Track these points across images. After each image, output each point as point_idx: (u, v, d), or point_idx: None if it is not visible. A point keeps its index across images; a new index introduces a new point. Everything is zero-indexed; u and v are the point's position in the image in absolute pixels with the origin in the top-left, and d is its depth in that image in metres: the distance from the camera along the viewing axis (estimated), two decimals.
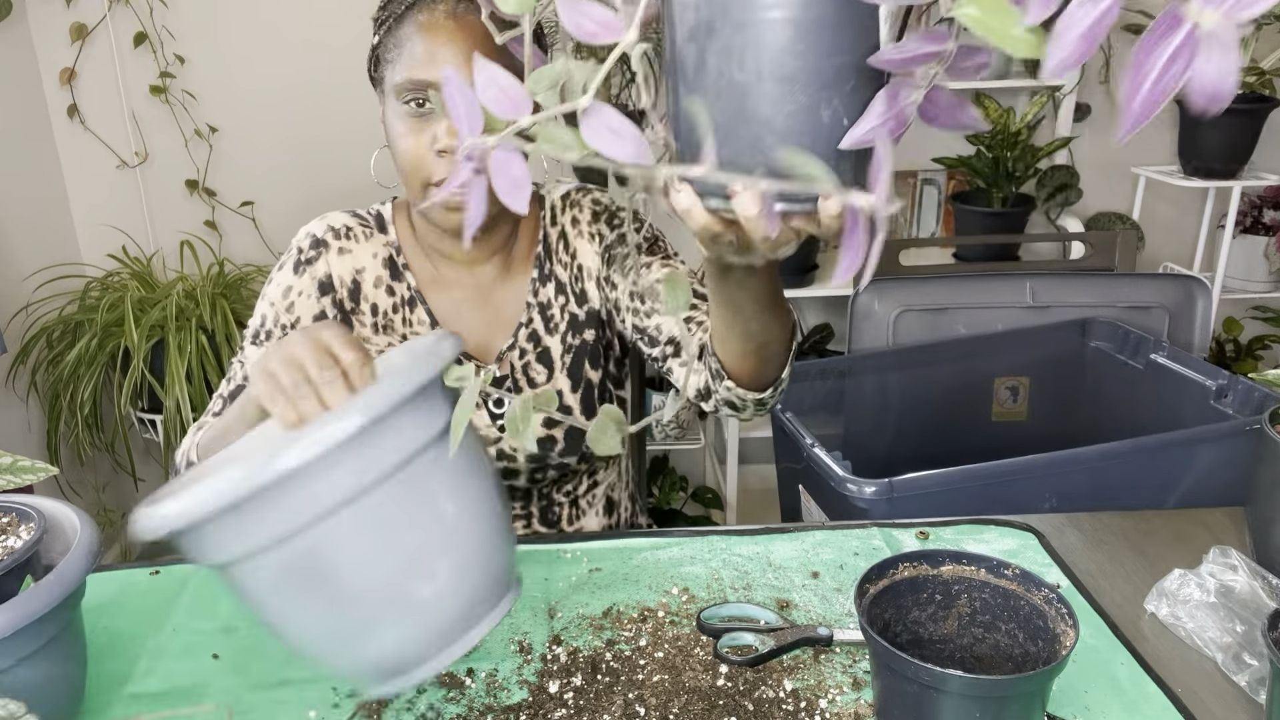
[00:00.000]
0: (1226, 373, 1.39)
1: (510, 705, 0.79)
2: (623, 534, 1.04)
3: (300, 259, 1.09)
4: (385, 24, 1.01)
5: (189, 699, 0.80)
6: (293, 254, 1.10)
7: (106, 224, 2.38)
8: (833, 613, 0.90)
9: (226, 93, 2.33)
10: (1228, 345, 2.61)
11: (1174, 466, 1.24)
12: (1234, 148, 2.19)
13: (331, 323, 0.72)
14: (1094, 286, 1.68)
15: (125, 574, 0.98)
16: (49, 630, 0.69)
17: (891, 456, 1.61)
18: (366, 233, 1.12)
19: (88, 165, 2.35)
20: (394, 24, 0.99)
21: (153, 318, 2.07)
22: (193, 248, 2.36)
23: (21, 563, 0.69)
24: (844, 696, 0.79)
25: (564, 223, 1.14)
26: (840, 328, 2.61)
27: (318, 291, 1.08)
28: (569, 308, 1.13)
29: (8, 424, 2.17)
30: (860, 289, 1.67)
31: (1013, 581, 0.76)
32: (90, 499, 2.38)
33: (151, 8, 2.23)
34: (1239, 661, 0.82)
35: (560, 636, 0.87)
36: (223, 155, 2.38)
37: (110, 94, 2.29)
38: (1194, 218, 2.57)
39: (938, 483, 1.15)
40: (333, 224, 1.11)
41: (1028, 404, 1.66)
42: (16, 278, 2.18)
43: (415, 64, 0.96)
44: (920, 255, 2.46)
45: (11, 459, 0.77)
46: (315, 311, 1.08)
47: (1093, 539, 1.03)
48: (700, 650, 0.85)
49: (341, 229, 1.11)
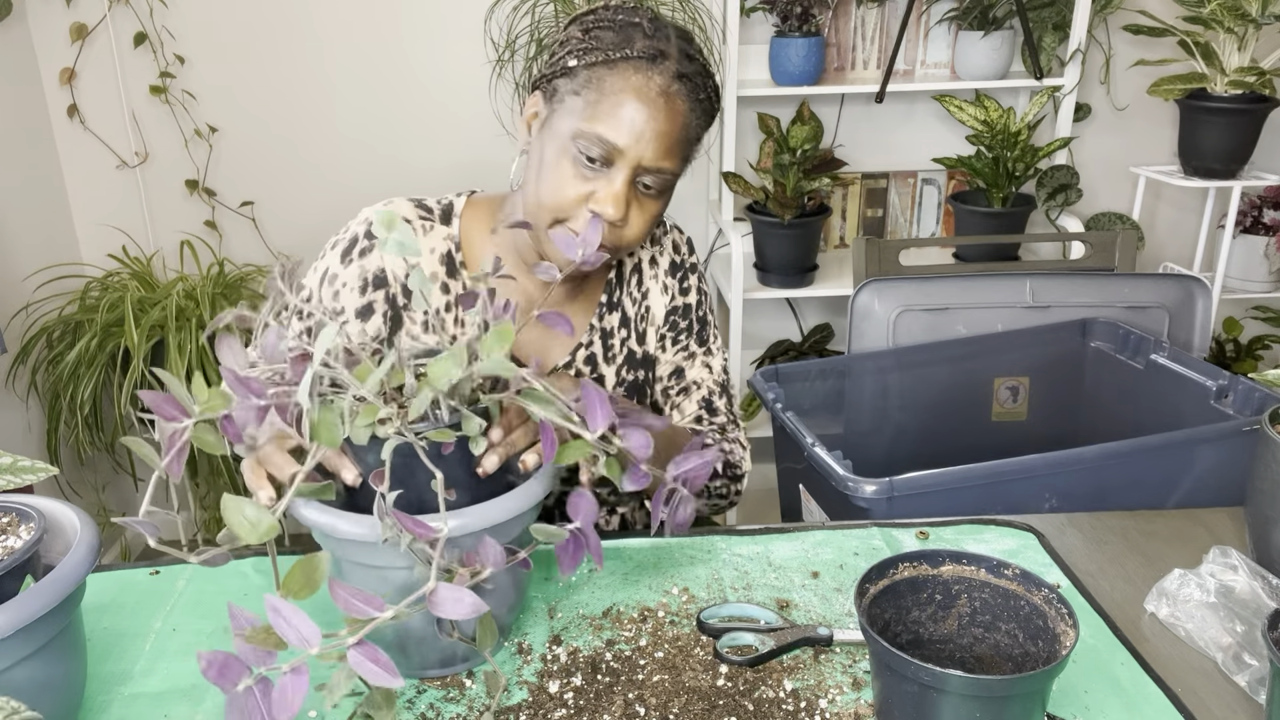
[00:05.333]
0: (1226, 373, 1.39)
1: (510, 705, 0.79)
2: (623, 534, 1.04)
3: (352, 247, 1.06)
4: (592, 56, 0.95)
5: (189, 699, 0.80)
6: (346, 239, 1.07)
7: (106, 224, 2.38)
8: (833, 613, 0.90)
9: (226, 93, 2.33)
10: (1228, 345, 2.61)
11: (1174, 466, 1.24)
12: (1234, 148, 2.19)
13: None
14: (1094, 286, 1.68)
15: (125, 574, 0.98)
16: (49, 630, 0.69)
17: (891, 456, 1.60)
18: (427, 226, 1.08)
19: (88, 165, 2.35)
20: (603, 67, 0.95)
21: (153, 318, 2.07)
22: (193, 248, 2.36)
23: (21, 563, 0.69)
24: (844, 696, 0.79)
25: (642, 258, 1.15)
26: (840, 328, 2.61)
27: (364, 285, 1.05)
28: (629, 343, 1.14)
29: (8, 424, 2.17)
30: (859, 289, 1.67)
31: (1013, 581, 0.76)
32: (90, 499, 2.38)
33: (151, 8, 2.23)
34: (1239, 661, 0.82)
35: (560, 636, 0.87)
36: (223, 155, 2.38)
37: (110, 94, 2.29)
38: (1194, 218, 2.57)
39: (938, 482, 1.15)
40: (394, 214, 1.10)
41: (1028, 404, 1.66)
42: (16, 278, 2.18)
43: (610, 122, 0.93)
44: (920, 255, 2.46)
45: (11, 459, 0.77)
46: (359, 305, 1.05)
47: (1093, 539, 1.03)
48: (700, 650, 0.85)
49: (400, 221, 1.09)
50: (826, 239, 2.58)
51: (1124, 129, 2.53)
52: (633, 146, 0.94)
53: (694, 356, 1.16)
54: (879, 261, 1.79)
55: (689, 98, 0.96)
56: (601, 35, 0.96)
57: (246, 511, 0.65)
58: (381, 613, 0.61)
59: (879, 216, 2.58)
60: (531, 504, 0.79)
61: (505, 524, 0.76)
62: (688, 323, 1.16)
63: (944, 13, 2.37)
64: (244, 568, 0.98)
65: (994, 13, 2.25)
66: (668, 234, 1.17)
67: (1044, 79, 2.27)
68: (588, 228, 0.92)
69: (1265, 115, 2.17)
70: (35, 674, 0.68)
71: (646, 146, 0.94)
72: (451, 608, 0.62)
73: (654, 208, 0.99)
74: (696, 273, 1.18)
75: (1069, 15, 2.28)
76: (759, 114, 2.28)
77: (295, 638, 0.57)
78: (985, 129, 2.22)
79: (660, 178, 0.97)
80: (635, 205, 0.97)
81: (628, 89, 0.93)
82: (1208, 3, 2.06)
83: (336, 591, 0.61)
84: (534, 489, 0.80)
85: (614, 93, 0.93)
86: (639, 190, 0.97)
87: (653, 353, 1.15)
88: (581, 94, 0.95)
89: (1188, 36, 2.13)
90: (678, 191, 1.05)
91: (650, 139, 0.94)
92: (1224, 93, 2.15)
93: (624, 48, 0.94)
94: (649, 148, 0.94)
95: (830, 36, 2.40)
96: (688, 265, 1.17)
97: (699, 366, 1.16)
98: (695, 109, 0.97)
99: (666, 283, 1.15)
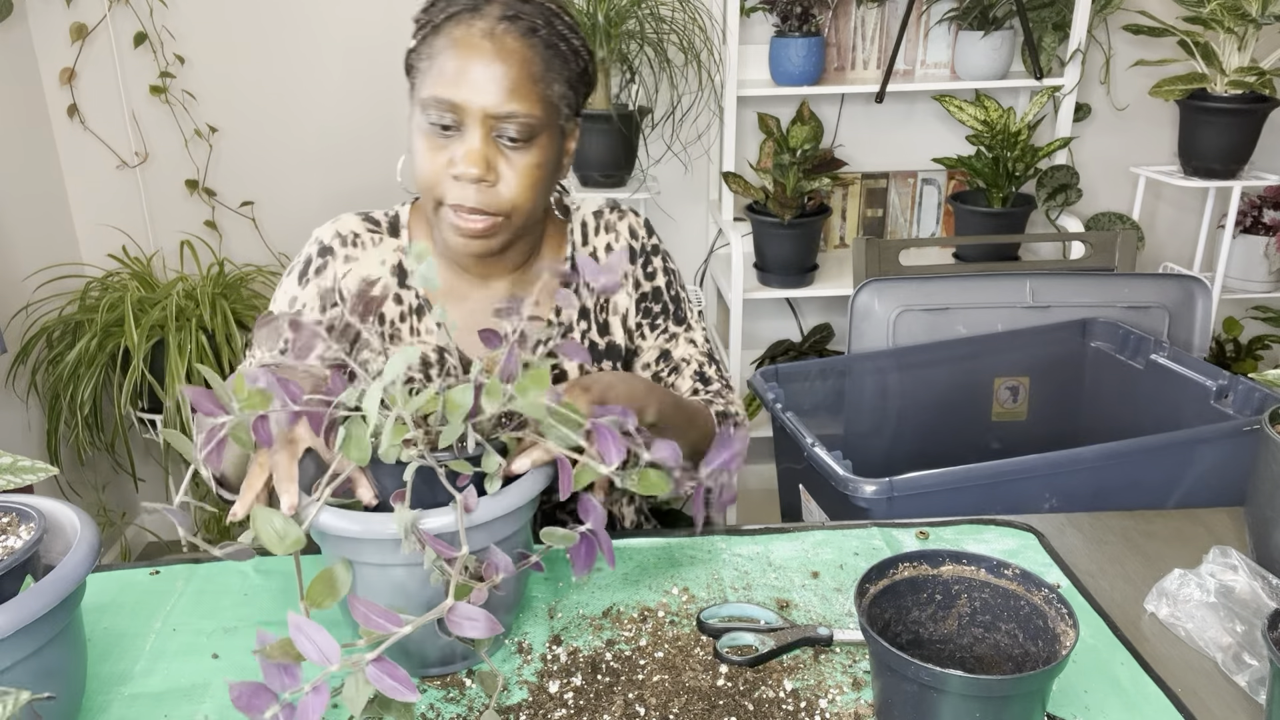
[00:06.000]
0: (1226, 373, 1.39)
1: (510, 705, 0.79)
2: (623, 534, 1.04)
3: (306, 269, 1.08)
4: (423, 29, 0.97)
5: (189, 699, 0.80)
6: (300, 262, 1.09)
7: (106, 224, 2.38)
8: (833, 613, 0.90)
9: (226, 93, 2.33)
10: (1228, 345, 2.61)
11: (1174, 466, 1.24)
12: (1234, 148, 2.19)
13: None
14: (1094, 286, 1.68)
15: (125, 574, 0.98)
16: (49, 630, 0.69)
17: (891, 456, 1.60)
18: (375, 238, 1.09)
19: (88, 165, 2.35)
20: (431, 32, 0.96)
21: (153, 318, 2.07)
22: (193, 248, 2.36)
23: (21, 563, 0.69)
24: (844, 696, 0.79)
25: (597, 246, 1.13)
26: (840, 328, 2.61)
27: (323, 304, 1.07)
28: (590, 335, 1.12)
29: (8, 424, 2.17)
30: (859, 289, 1.67)
31: (1013, 581, 0.76)
32: (90, 499, 2.38)
33: (151, 8, 2.23)
34: (1239, 661, 0.82)
35: (560, 636, 0.87)
36: (223, 155, 2.38)
37: (110, 94, 2.29)
38: (1194, 218, 2.57)
39: (938, 482, 1.15)
40: (340, 230, 1.09)
41: (1028, 404, 1.66)
42: (16, 278, 2.18)
43: (444, 81, 0.93)
44: (920, 255, 2.46)
45: (11, 459, 0.77)
46: None
47: (1093, 539, 1.03)
48: (700, 650, 0.85)
49: (349, 235, 1.09)
50: (826, 239, 2.58)
51: (1124, 129, 2.52)
52: (472, 98, 0.92)
53: (676, 337, 1.15)
54: (879, 261, 1.79)
55: (522, 36, 0.93)
56: (432, 5, 0.97)
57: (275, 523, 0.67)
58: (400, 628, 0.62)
59: (879, 216, 2.58)
60: (528, 498, 0.79)
61: (505, 517, 0.77)
62: (661, 305, 1.14)
63: (944, 13, 2.37)
64: (244, 567, 0.98)
65: (994, 13, 2.25)
66: (623, 218, 1.15)
67: (1044, 79, 2.27)
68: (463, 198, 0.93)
69: (1265, 115, 2.17)
70: (35, 674, 0.68)
71: (485, 94, 0.92)
72: (469, 627, 0.65)
73: (527, 160, 0.96)
74: (660, 254, 1.16)
75: (1069, 15, 2.28)
76: (759, 114, 2.28)
77: (316, 655, 0.59)
78: (985, 129, 2.22)
79: (518, 123, 0.94)
80: (503, 160, 0.95)
81: (452, 44, 0.93)
82: (1208, 3, 2.06)
83: (356, 606, 0.62)
84: (534, 481, 0.80)
85: (441, 52, 0.94)
86: (504, 145, 0.95)
87: (619, 342, 1.13)
88: (419, 66, 0.96)
89: (1188, 36, 2.13)
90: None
91: (485, 85, 0.92)
92: (1224, 93, 2.15)
93: (449, 8, 0.95)
94: (488, 94, 0.92)
95: (830, 36, 2.40)
96: (648, 249, 1.15)
97: (683, 344, 1.15)
98: (534, 45, 0.94)
99: (626, 269, 1.13)
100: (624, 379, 0.95)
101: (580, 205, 1.15)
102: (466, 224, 0.97)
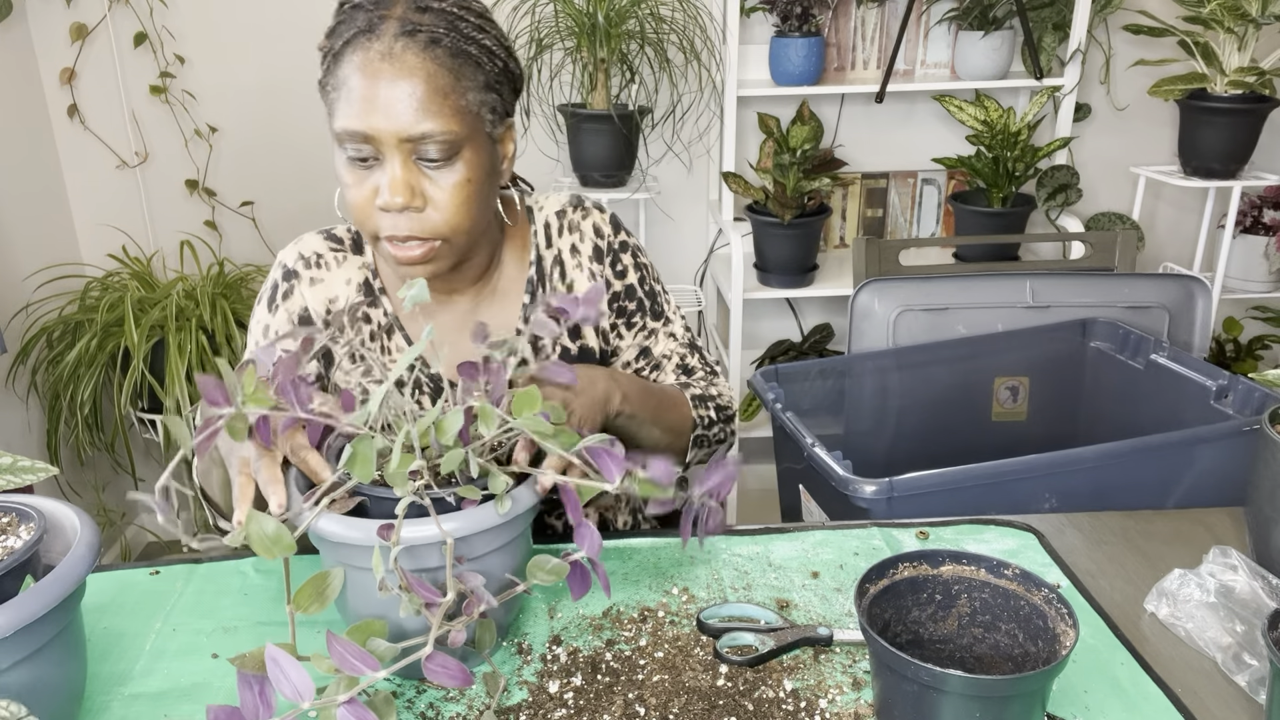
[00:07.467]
0: (1226, 373, 1.39)
1: (510, 705, 0.79)
2: (623, 534, 1.04)
3: (274, 295, 1.07)
4: (326, 58, 0.92)
5: (189, 699, 0.80)
6: (268, 289, 1.08)
7: (106, 224, 2.39)
8: (833, 613, 0.90)
9: (226, 93, 2.33)
10: (1228, 345, 2.61)
11: (1174, 466, 1.24)
12: (1234, 148, 2.19)
13: None
14: (1094, 286, 1.68)
15: (125, 574, 0.98)
16: (49, 630, 0.69)
17: (891, 456, 1.60)
18: (340, 257, 1.07)
19: (88, 165, 2.35)
20: (333, 60, 0.91)
21: (153, 318, 2.07)
22: (193, 248, 2.36)
23: (21, 563, 0.69)
24: (844, 696, 0.79)
25: (561, 248, 1.10)
26: (840, 328, 2.61)
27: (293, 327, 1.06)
28: (561, 340, 1.10)
29: (8, 424, 2.17)
30: (859, 289, 1.67)
31: (1013, 581, 0.76)
32: (90, 499, 2.38)
33: (151, 8, 2.23)
34: (1239, 661, 0.82)
35: (560, 636, 0.87)
36: (223, 155, 2.38)
37: (110, 94, 2.29)
38: (1194, 218, 2.57)
39: (938, 483, 1.15)
40: (304, 251, 1.07)
41: (1028, 404, 1.66)
42: (16, 278, 2.18)
43: (351, 112, 0.88)
44: (920, 255, 2.46)
45: (11, 459, 0.77)
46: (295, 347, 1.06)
47: (1093, 539, 1.03)
48: (700, 650, 0.85)
49: (312, 257, 1.07)
50: (826, 239, 2.58)
51: (1124, 129, 2.53)
52: (382, 125, 0.88)
53: (655, 333, 1.14)
54: (879, 261, 1.79)
55: (422, 50, 0.88)
56: (333, 32, 0.92)
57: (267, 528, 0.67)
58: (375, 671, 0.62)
59: (879, 216, 2.58)
60: (525, 508, 0.79)
61: (499, 527, 0.77)
62: (635, 303, 1.13)
63: (944, 13, 2.37)
64: (244, 567, 0.98)
65: (994, 13, 2.25)
66: (587, 216, 1.11)
67: (1044, 79, 2.28)
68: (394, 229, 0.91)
69: (1265, 115, 2.17)
70: (35, 674, 0.68)
71: (394, 119, 0.88)
72: (444, 677, 0.64)
73: (454, 178, 0.92)
74: (629, 250, 1.13)
75: (1069, 15, 2.28)
76: (759, 114, 2.28)
77: (290, 691, 0.59)
78: (985, 129, 2.22)
79: (437, 143, 0.89)
80: (428, 183, 0.91)
81: (354, 71, 0.88)
82: (1208, 3, 2.06)
83: (334, 647, 0.62)
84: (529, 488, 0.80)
85: (345, 81, 0.89)
86: (426, 167, 0.91)
87: (591, 345, 1.12)
88: (329, 98, 0.92)
89: (1188, 36, 2.13)
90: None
91: (392, 109, 0.87)
92: (1224, 93, 2.15)
93: (345, 33, 0.90)
94: (397, 119, 0.88)
95: (830, 36, 2.40)
96: (615, 246, 1.11)
97: (663, 339, 1.14)
98: (438, 57, 0.89)
99: (594, 270, 1.10)
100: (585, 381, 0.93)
101: (544, 205, 1.12)
102: (404, 253, 0.93)
